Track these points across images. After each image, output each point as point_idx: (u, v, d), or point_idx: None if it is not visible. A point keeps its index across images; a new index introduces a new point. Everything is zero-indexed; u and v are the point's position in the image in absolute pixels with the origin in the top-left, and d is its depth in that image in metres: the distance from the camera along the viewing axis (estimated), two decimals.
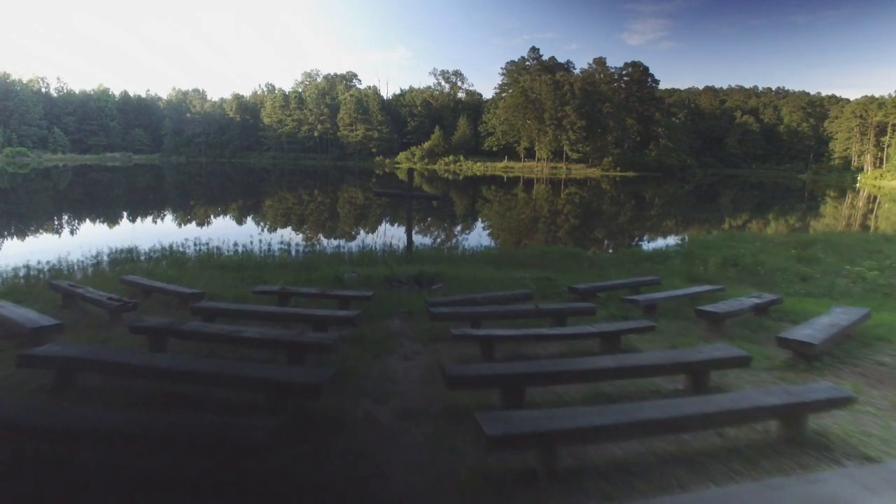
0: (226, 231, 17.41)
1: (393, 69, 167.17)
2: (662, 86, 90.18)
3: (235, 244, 12.11)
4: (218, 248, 11.70)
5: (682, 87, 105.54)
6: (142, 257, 10.75)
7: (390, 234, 13.54)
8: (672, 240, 17.25)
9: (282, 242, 12.57)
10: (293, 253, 12.04)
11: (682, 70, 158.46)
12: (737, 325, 5.64)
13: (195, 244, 12.16)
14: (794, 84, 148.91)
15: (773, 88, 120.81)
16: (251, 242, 12.55)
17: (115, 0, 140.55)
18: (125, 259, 10.47)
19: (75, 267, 9.56)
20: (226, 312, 5.25)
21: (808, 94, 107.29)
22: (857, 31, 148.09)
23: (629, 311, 6.25)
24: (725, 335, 5.30)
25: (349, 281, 7.57)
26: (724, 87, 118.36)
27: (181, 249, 11.62)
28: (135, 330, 4.40)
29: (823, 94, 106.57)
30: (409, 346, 4.91)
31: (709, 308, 5.36)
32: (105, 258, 10.42)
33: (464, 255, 11.08)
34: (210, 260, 9.77)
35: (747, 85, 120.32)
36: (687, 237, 16.09)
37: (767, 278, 9.28)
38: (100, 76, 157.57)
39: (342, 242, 13.19)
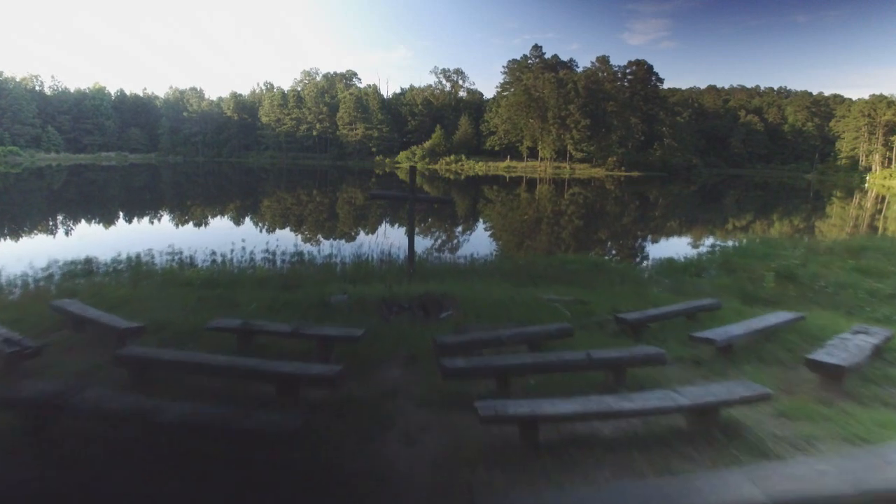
0: (208, 236, 15.99)
1: (393, 69, 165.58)
2: (664, 86, 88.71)
3: (213, 253, 10.65)
4: (192, 257, 10.25)
5: (683, 87, 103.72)
6: (101, 269, 9.31)
7: (389, 240, 12.11)
8: (695, 243, 15.82)
9: (267, 251, 11.11)
10: (278, 263, 10.60)
11: (683, 70, 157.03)
12: (854, 376, 4.19)
13: (170, 252, 10.72)
14: (797, 84, 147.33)
15: (776, 88, 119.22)
16: (232, 250, 11.10)
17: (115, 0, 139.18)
18: (81, 271, 9.03)
19: (18, 282, 8.12)
20: (160, 364, 3.79)
21: (810, 93, 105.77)
22: (859, 31, 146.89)
23: (698, 349, 4.82)
24: (850, 395, 3.85)
25: (337, 305, 6.12)
26: (726, 86, 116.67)
27: (151, 259, 10.19)
28: (2, 403, 2.95)
29: (826, 93, 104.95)
30: (412, 417, 3.45)
31: (827, 359, 3.90)
32: (57, 270, 8.98)
33: (473, 266, 9.61)
34: (177, 274, 8.31)
35: (749, 85, 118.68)
36: (718, 243, 14.63)
37: (834, 297, 7.82)
38: (99, 76, 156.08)
39: (335, 250, 11.73)
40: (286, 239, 12.60)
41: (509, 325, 5.43)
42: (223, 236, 14.39)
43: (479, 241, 16.82)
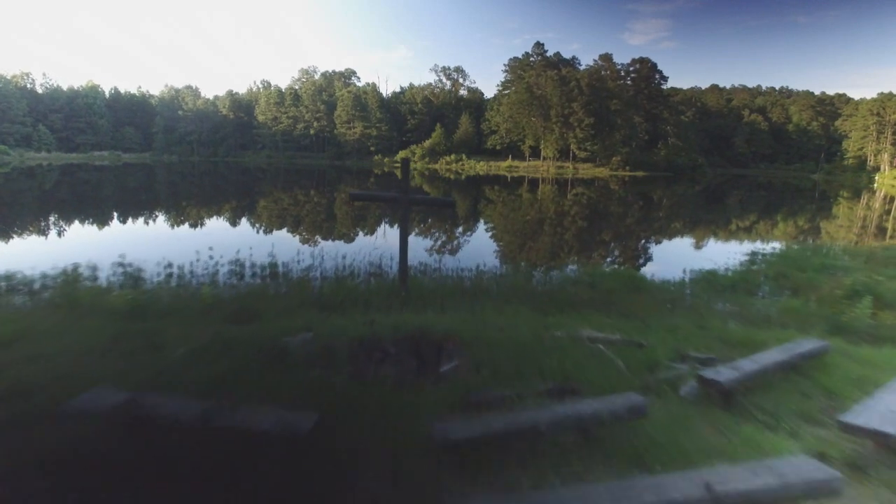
0: (178, 242, 14.28)
1: (393, 69, 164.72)
2: (665, 86, 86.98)
3: (169, 265, 8.91)
4: (140, 270, 8.50)
5: (684, 87, 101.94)
6: (22, 288, 7.58)
7: (381, 248, 10.39)
8: (728, 250, 14.07)
9: (235, 262, 9.37)
10: (246, 277, 8.87)
11: (683, 70, 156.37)
12: None
13: (121, 263, 8.97)
14: (798, 84, 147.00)
15: (777, 88, 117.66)
16: (197, 260, 9.37)
17: None
18: None
19: None
20: None
21: (812, 93, 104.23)
22: (859, 32, 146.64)
23: (845, 440, 3.08)
24: None
25: (296, 350, 4.38)
26: (727, 86, 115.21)
27: (93, 273, 8.46)
28: None
29: (828, 93, 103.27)
30: None
31: None
32: None
33: (481, 283, 7.84)
34: (102, 297, 6.55)
35: (750, 84, 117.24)
36: (757, 249, 12.88)
37: None
38: (100, 76, 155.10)
39: (318, 260, 10.00)
40: (264, 246, 10.87)
41: (543, 388, 3.70)
42: (194, 242, 12.64)
43: (485, 249, 15.10)
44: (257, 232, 17.63)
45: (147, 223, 19.89)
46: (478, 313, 5.83)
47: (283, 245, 14.01)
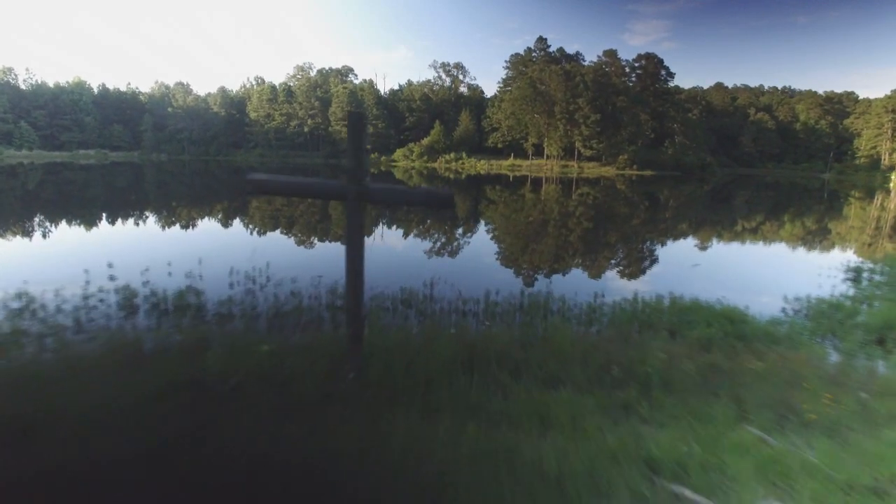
0: (93, 258, 11.27)
1: (393, 69, 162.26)
2: (670, 83, 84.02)
3: (23, 295, 5.95)
4: None
5: (685, 88, 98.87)
6: None
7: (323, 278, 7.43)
8: (811, 262, 11.16)
9: (127, 289, 6.43)
10: (141, 312, 5.92)
11: (684, 70, 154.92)
12: None
13: None
14: (800, 84, 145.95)
15: (780, 88, 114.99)
16: (86, 282, 6.46)
17: None
18: None
19: None
20: None
21: (815, 92, 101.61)
22: (859, 32, 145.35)
23: None
24: None
25: None
26: (730, 86, 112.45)
27: None
28: None
29: (836, 91, 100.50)
30: None
31: None
32: None
33: (495, 336, 4.87)
34: None
35: (752, 84, 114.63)
36: (853, 263, 9.94)
37: None
38: (97, 75, 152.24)
39: (258, 281, 7.06)
40: (184, 260, 7.93)
41: None
42: (126, 253, 9.67)
43: (492, 261, 12.13)
44: (211, 239, 14.69)
45: (82, 229, 16.94)
46: (498, 421, 2.87)
47: (228, 258, 10.96)
